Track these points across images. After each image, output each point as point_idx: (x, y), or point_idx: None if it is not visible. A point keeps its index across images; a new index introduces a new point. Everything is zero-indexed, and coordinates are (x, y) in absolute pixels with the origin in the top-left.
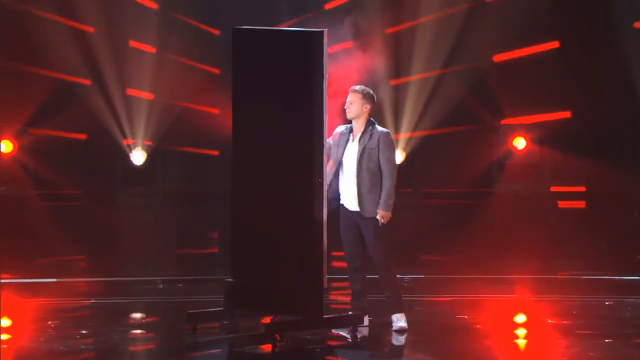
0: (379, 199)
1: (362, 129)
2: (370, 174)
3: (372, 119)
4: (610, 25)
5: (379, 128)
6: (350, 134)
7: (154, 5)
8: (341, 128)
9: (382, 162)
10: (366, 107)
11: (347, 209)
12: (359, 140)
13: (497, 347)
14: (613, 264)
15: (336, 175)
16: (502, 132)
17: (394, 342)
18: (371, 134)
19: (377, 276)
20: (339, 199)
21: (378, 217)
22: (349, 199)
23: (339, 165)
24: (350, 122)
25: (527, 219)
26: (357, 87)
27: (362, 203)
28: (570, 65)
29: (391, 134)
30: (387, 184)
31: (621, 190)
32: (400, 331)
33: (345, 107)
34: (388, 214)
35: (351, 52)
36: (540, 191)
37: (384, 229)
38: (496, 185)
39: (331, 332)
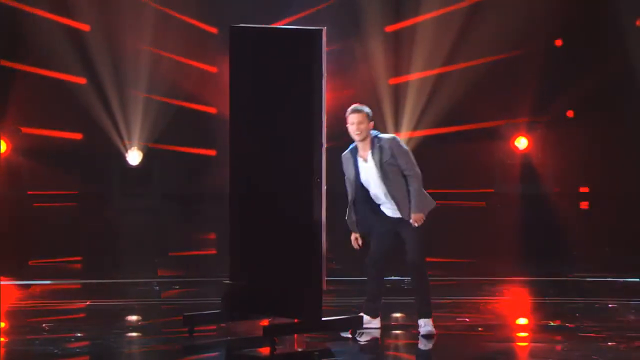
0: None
1: (369, 147)
2: (399, 184)
3: (372, 132)
4: (614, 24)
5: (383, 136)
6: (357, 156)
7: (151, 3)
8: (345, 155)
9: (402, 167)
10: (371, 125)
11: (387, 215)
12: (372, 158)
13: (499, 350)
14: (616, 265)
15: (359, 200)
16: (503, 131)
17: (395, 345)
18: (381, 148)
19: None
20: (369, 218)
21: (411, 221)
22: (388, 209)
23: (359, 189)
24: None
25: (529, 219)
26: (360, 107)
27: (402, 211)
28: (572, 63)
29: (395, 135)
30: (414, 185)
31: (625, 191)
32: (429, 336)
33: (353, 129)
34: (421, 216)
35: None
36: (542, 191)
37: (424, 231)
38: (497, 186)
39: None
